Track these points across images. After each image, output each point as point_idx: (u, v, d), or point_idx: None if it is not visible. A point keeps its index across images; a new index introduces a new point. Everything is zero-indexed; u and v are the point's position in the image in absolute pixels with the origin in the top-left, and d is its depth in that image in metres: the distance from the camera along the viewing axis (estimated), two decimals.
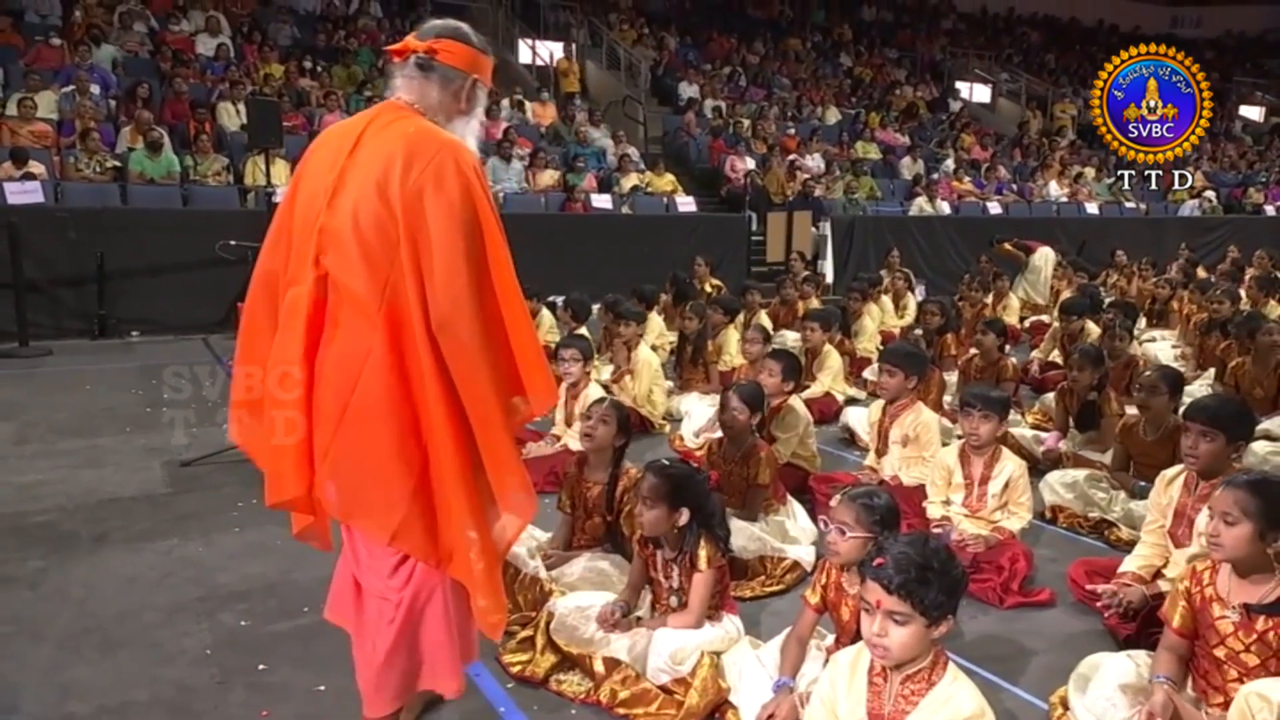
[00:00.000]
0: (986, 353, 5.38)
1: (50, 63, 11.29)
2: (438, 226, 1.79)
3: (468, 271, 1.79)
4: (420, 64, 1.95)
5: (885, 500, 2.32)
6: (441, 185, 1.80)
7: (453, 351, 1.80)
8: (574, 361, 4.36)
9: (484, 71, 2.02)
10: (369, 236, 1.81)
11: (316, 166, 1.95)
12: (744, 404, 3.41)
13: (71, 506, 3.86)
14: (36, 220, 8.00)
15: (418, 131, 1.88)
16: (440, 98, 1.96)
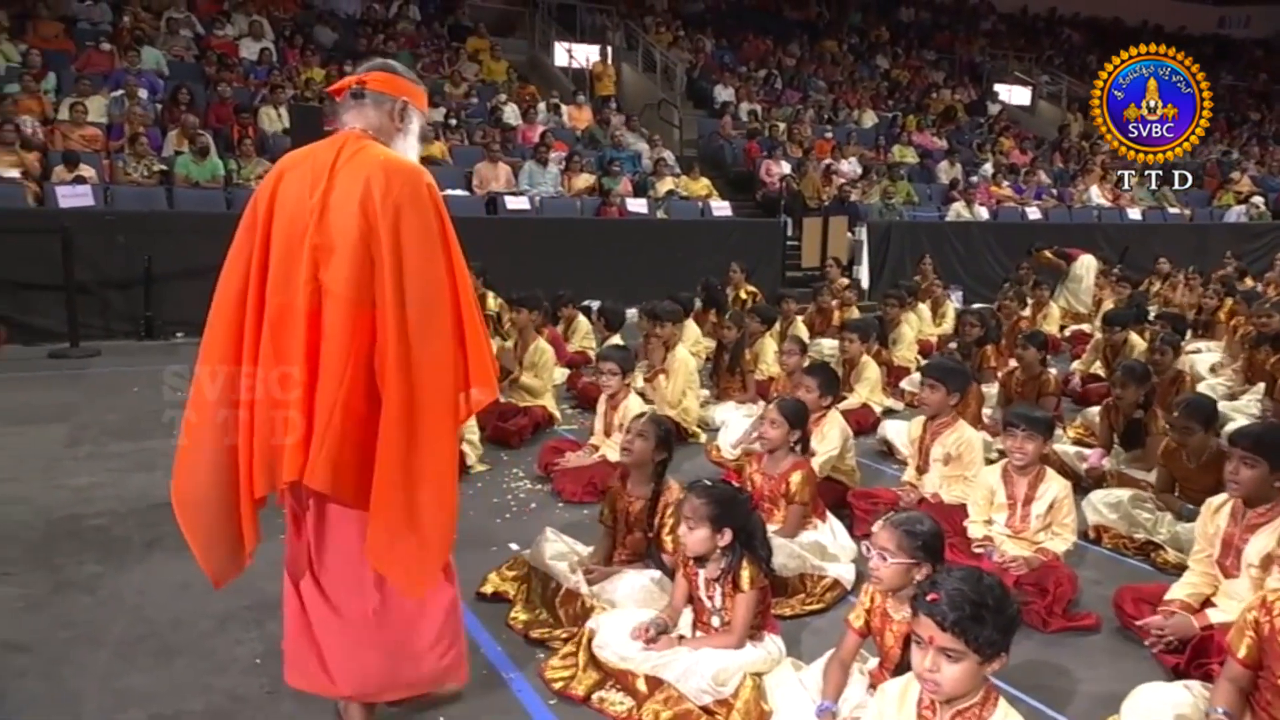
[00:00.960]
0: (1028, 366, 5.32)
1: (100, 67, 11.55)
2: (415, 237, 2.09)
3: (440, 270, 2.12)
4: (355, 94, 2.27)
5: (928, 527, 2.31)
6: (416, 202, 2.11)
7: (425, 343, 2.08)
8: (612, 374, 4.39)
9: (413, 95, 2.33)
10: (355, 249, 2.08)
11: (294, 192, 2.18)
12: (784, 419, 3.41)
13: (124, 510, 3.96)
14: (87, 224, 8.20)
15: (389, 158, 2.18)
16: (378, 119, 2.27)
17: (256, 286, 2.17)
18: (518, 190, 11.21)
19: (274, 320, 2.13)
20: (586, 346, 7.57)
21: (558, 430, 5.50)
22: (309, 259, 2.10)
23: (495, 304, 7.73)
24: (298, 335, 2.10)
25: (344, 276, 2.09)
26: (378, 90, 2.28)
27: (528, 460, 4.82)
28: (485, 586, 3.19)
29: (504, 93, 14.03)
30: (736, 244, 11.29)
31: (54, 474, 4.45)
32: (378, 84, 2.28)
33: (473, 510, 4.08)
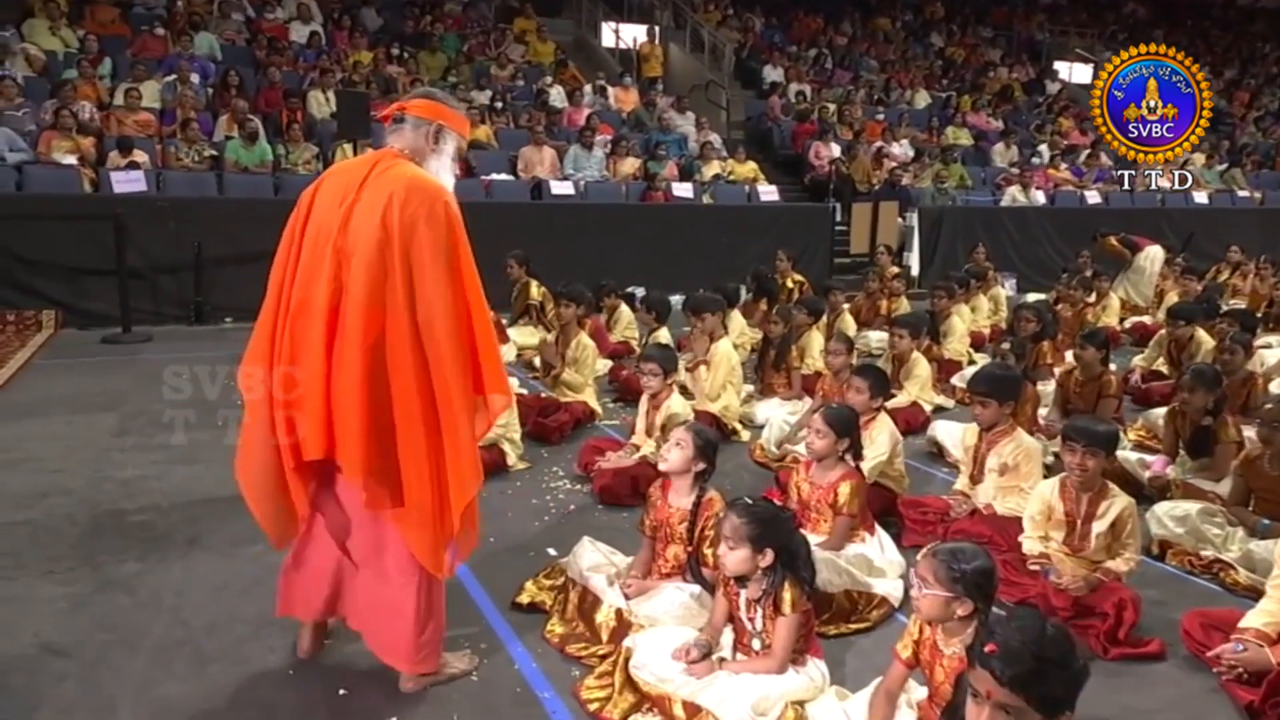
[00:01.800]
0: (1087, 366, 5.09)
1: (154, 52, 11.70)
2: (426, 250, 2.29)
3: (447, 285, 2.30)
4: (397, 119, 2.54)
5: (976, 564, 2.16)
6: (432, 218, 2.31)
7: (431, 345, 2.30)
8: (653, 375, 4.28)
9: (449, 119, 2.55)
10: (373, 255, 2.29)
11: (327, 200, 2.42)
12: (831, 429, 3.28)
13: (166, 505, 3.99)
14: (139, 210, 8.31)
15: (414, 176, 2.39)
16: (414, 140, 2.51)
17: (289, 284, 2.41)
18: (562, 175, 11.12)
19: (295, 313, 2.38)
20: (630, 337, 7.48)
21: (598, 426, 5.42)
22: (332, 260, 2.33)
23: (539, 293, 7.68)
24: (317, 328, 2.33)
25: (361, 279, 2.29)
26: (416, 115, 2.52)
27: (567, 458, 4.76)
28: (521, 596, 3.13)
29: (550, 75, 13.92)
30: (783, 229, 11.08)
31: (101, 465, 4.50)
32: (416, 109, 2.52)
33: (511, 511, 4.03)
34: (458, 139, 2.57)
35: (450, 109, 2.57)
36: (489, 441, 4.45)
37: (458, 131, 2.57)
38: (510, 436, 4.57)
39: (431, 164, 2.51)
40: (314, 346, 2.33)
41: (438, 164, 2.52)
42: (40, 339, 7.60)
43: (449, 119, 2.55)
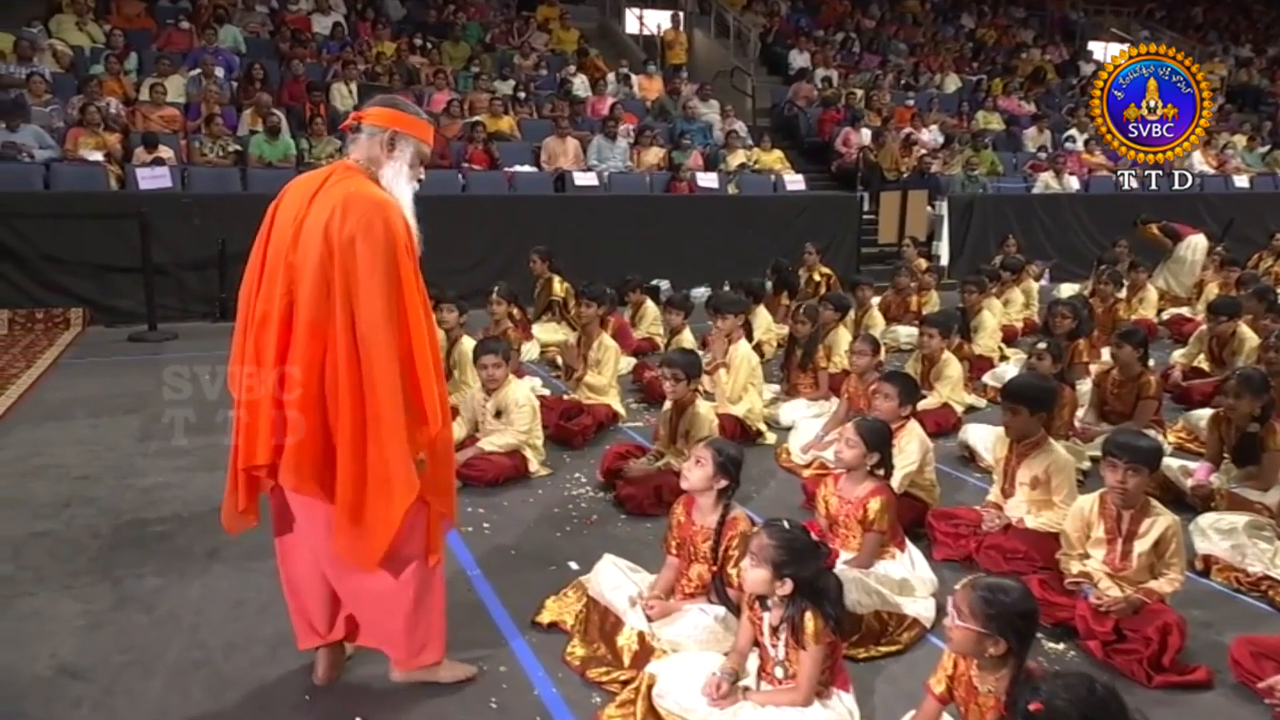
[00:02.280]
0: (1125, 366, 4.93)
1: (179, 46, 11.73)
2: (364, 265, 2.30)
3: (383, 300, 2.32)
4: (354, 128, 2.56)
5: (1014, 602, 2.05)
6: (369, 234, 2.32)
7: (370, 359, 2.33)
8: (675, 380, 4.19)
9: (404, 125, 2.52)
10: (316, 271, 2.32)
11: (285, 214, 2.46)
12: (862, 441, 3.17)
13: (187, 515, 3.97)
14: (164, 207, 8.33)
15: (356, 191, 2.38)
16: (369, 149, 2.51)
17: (254, 295, 2.48)
18: (586, 166, 11.02)
19: (257, 324, 2.44)
20: (654, 333, 7.38)
21: (621, 429, 5.34)
22: (284, 275, 2.38)
23: (562, 289, 7.60)
24: (271, 340, 2.40)
25: (306, 293, 2.35)
26: (370, 123, 2.52)
27: (590, 464, 4.69)
28: (542, 615, 3.07)
29: (573, 63, 13.78)
30: (810, 220, 10.92)
31: (124, 472, 4.49)
32: (371, 118, 2.53)
33: (533, 520, 3.97)
34: (415, 145, 2.54)
35: (406, 114, 2.56)
36: (510, 448, 4.40)
37: (416, 137, 2.54)
38: (533, 443, 4.51)
39: (387, 172, 2.50)
40: (268, 357, 2.40)
41: (393, 172, 2.51)
42: (68, 337, 7.66)
43: (404, 125, 2.53)
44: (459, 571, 3.42)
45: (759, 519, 3.71)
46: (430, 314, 2.53)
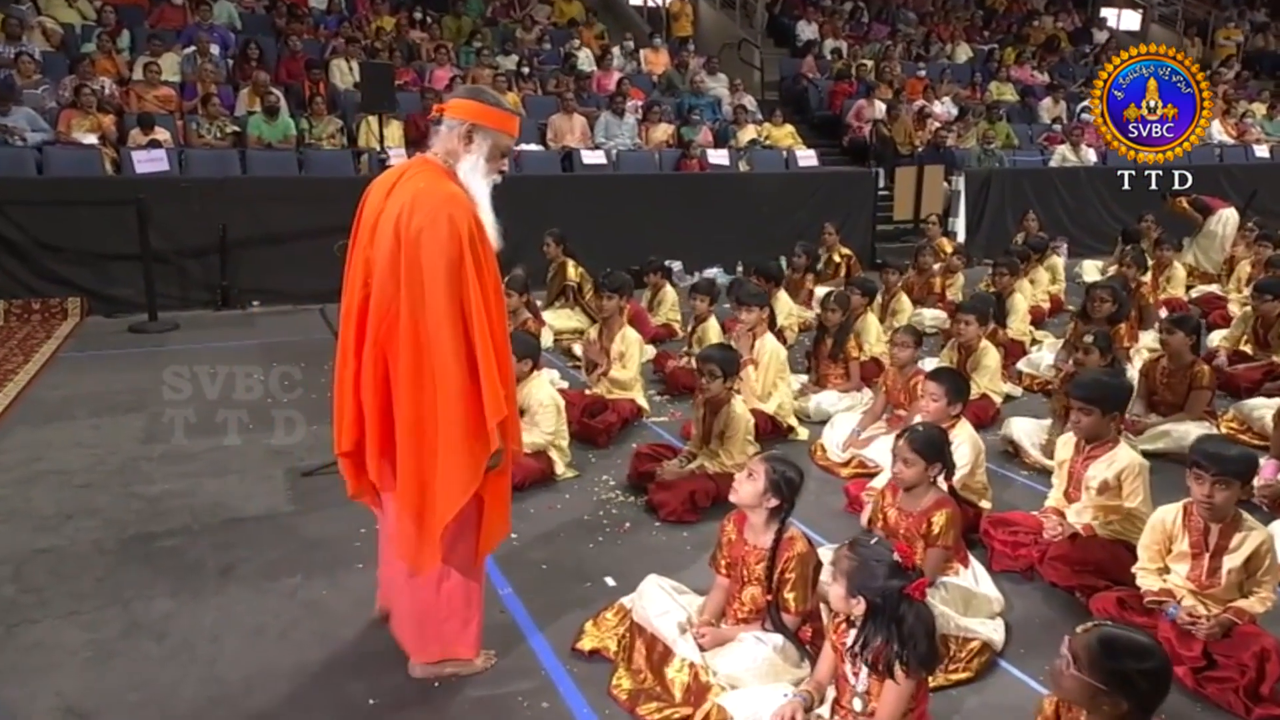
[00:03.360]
0: (1176, 354, 4.70)
1: (173, 22, 11.39)
2: (429, 261, 2.32)
3: (446, 295, 2.32)
4: (435, 121, 2.56)
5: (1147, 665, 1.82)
6: (435, 230, 2.32)
7: (434, 354, 2.34)
8: (713, 378, 3.96)
9: (482, 117, 2.49)
10: (388, 264, 2.39)
11: (367, 210, 2.53)
12: (920, 456, 2.95)
13: (198, 527, 3.75)
14: (161, 192, 8.06)
15: (426, 186, 2.41)
16: (447, 143, 2.51)
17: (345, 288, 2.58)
18: (594, 144, 10.72)
19: (344, 316, 2.56)
20: (673, 319, 7.15)
21: (646, 424, 5.12)
22: (363, 270, 2.47)
23: (576, 273, 7.36)
24: (352, 333, 2.51)
25: (379, 288, 2.42)
26: (450, 116, 2.51)
27: (618, 464, 4.47)
28: (582, 641, 2.86)
29: (577, 37, 13.42)
30: (824, 197, 10.63)
31: (128, 478, 4.27)
32: (452, 110, 2.51)
33: (563, 531, 3.76)
34: (495, 137, 2.50)
35: (485, 105, 2.51)
36: (537, 448, 4.18)
37: (496, 129, 2.51)
38: (558, 444, 4.29)
39: (463, 166, 2.48)
40: (349, 348, 2.52)
41: (469, 165, 2.48)
42: (66, 328, 7.42)
43: (483, 117, 2.49)
44: (490, 591, 3.20)
45: (819, 538, 3.53)
46: (502, 309, 2.53)
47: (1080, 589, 3.10)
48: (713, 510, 3.88)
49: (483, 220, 2.45)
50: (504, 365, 2.46)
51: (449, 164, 2.48)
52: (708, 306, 5.74)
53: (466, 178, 2.46)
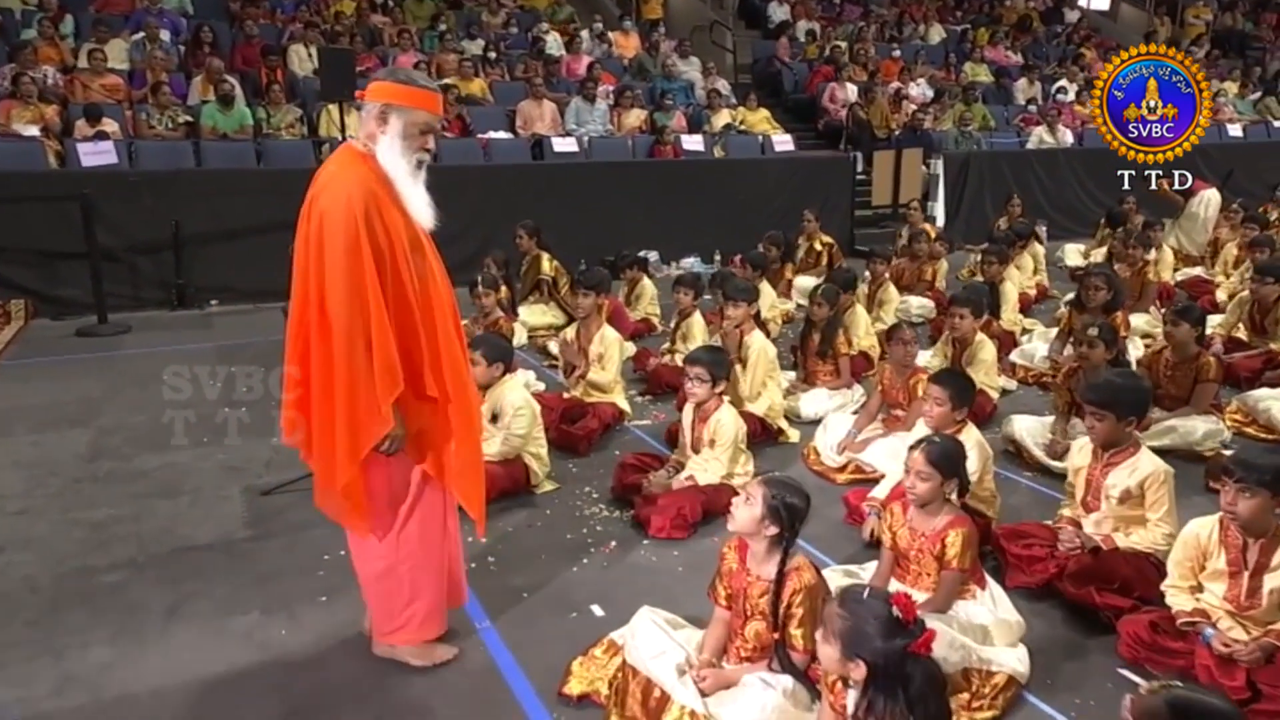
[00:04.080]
0: (1180, 346, 4.51)
1: (119, 7, 10.90)
2: (329, 243, 2.37)
3: (344, 276, 2.36)
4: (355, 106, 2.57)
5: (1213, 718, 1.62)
6: (333, 214, 2.38)
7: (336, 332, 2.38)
8: (700, 381, 3.70)
9: (394, 97, 2.50)
10: (301, 248, 2.46)
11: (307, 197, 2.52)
12: (935, 469, 2.71)
13: (144, 559, 3.43)
14: (110, 186, 7.65)
15: (335, 170, 2.48)
16: (366, 126, 2.54)
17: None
18: (564, 130, 10.38)
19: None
20: (651, 313, 6.87)
21: (628, 428, 4.86)
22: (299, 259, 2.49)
23: (551, 267, 7.05)
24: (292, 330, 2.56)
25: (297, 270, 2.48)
26: (365, 99, 2.54)
27: (600, 474, 4.20)
28: (570, 685, 2.59)
29: (545, 20, 13.04)
30: (802, 182, 10.40)
31: (69, 502, 3.93)
32: (367, 94, 2.53)
33: (544, 552, 3.48)
34: (409, 114, 2.49)
35: (397, 84, 2.52)
36: (505, 456, 3.88)
37: (410, 106, 2.50)
38: (535, 451, 4.00)
39: (380, 148, 2.49)
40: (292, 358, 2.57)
41: (385, 146, 2.49)
42: (8, 333, 6.99)
43: (394, 96, 2.49)
44: (465, 623, 2.94)
45: (819, 555, 3.29)
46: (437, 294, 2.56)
47: (1105, 608, 2.88)
48: (705, 525, 3.64)
49: (401, 200, 2.48)
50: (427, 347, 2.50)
51: (368, 147, 2.50)
52: (692, 301, 5.47)
53: (384, 158, 2.48)
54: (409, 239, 2.49)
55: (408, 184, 2.49)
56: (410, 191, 2.50)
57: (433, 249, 2.63)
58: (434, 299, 2.54)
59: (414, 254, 2.50)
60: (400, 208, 2.49)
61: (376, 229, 2.40)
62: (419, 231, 2.56)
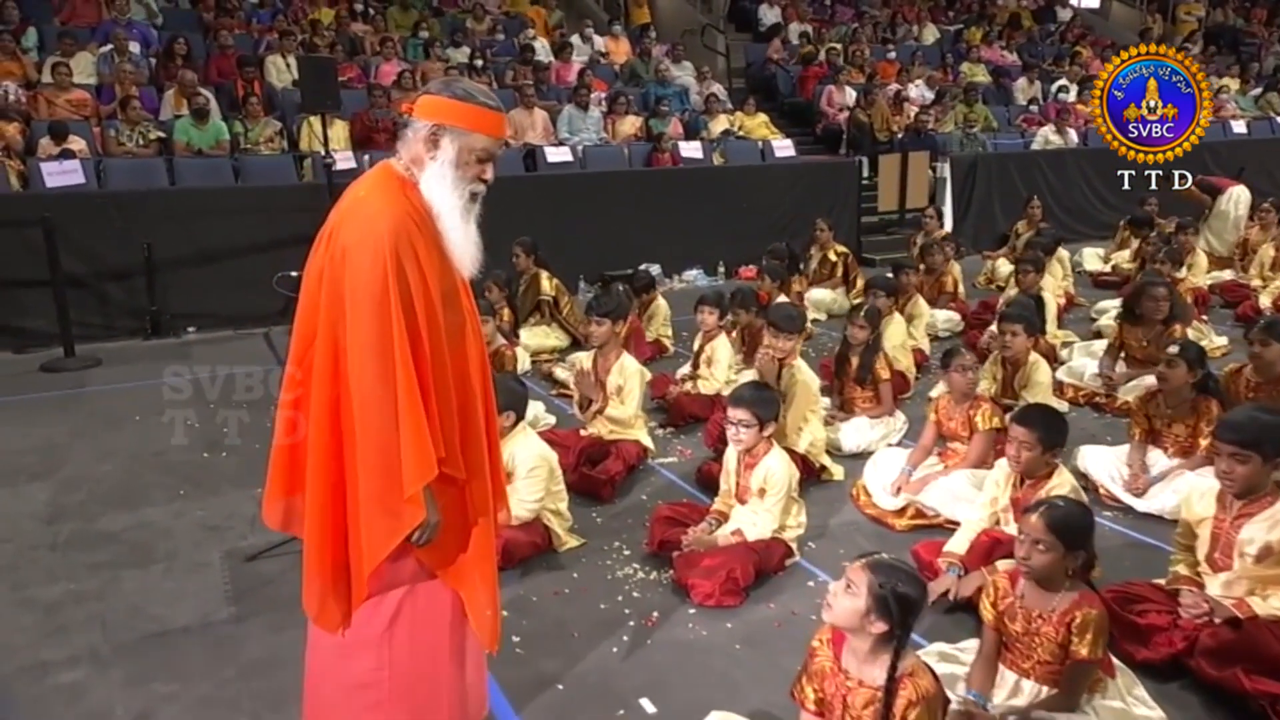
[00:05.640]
0: (1266, 366, 4.08)
1: (86, 19, 10.40)
2: (351, 287, 1.95)
3: (371, 330, 1.94)
4: (403, 123, 2.13)
5: None
6: (360, 253, 1.95)
7: (356, 392, 1.96)
8: (745, 427, 3.24)
9: (449, 116, 2.05)
10: (314, 281, 2.03)
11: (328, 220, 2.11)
12: (1058, 539, 2.25)
13: (108, 650, 2.92)
14: (78, 208, 7.16)
15: (363, 198, 2.04)
16: (412, 148, 2.09)
17: None
18: (557, 140, 9.94)
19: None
20: (664, 335, 6.41)
21: (653, 466, 4.39)
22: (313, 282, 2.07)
23: (551, 286, 6.59)
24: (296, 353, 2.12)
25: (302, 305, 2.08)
26: (416, 117, 2.08)
27: (629, 524, 3.73)
28: None
29: (530, 26, 12.60)
30: (806, 189, 10.00)
31: (23, 577, 3.42)
32: (419, 109, 2.07)
33: (575, 629, 3.00)
34: (466, 138, 2.03)
35: (454, 100, 2.05)
36: (524, 521, 3.40)
37: (467, 128, 2.03)
38: (554, 507, 3.53)
39: (428, 176, 2.06)
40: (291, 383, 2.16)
41: (433, 174, 2.05)
42: None
43: (451, 115, 2.03)
44: None
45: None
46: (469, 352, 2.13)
47: (1259, 696, 2.43)
48: (756, 587, 3.18)
49: (446, 243, 2.05)
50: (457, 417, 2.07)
51: (411, 173, 2.07)
52: (717, 321, 5.01)
53: (430, 189, 2.05)
54: (445, 289, 2.04)
55: (455, 223, 2.04)
56: (458, 233, 2.05)
57: (469, 298, 2.18)
58: (469, 362, 2.12)
59: (447, 308, 2.05)
60: (440, 250, 2.05)
61: (410, 277, 1.96)
62: (457, 280, 2.11)
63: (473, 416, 2.13)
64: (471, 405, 2.12)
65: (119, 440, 4.90)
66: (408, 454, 1.94)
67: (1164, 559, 3.31)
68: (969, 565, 3.07)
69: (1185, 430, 3.89)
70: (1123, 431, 4.69)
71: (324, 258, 2.02)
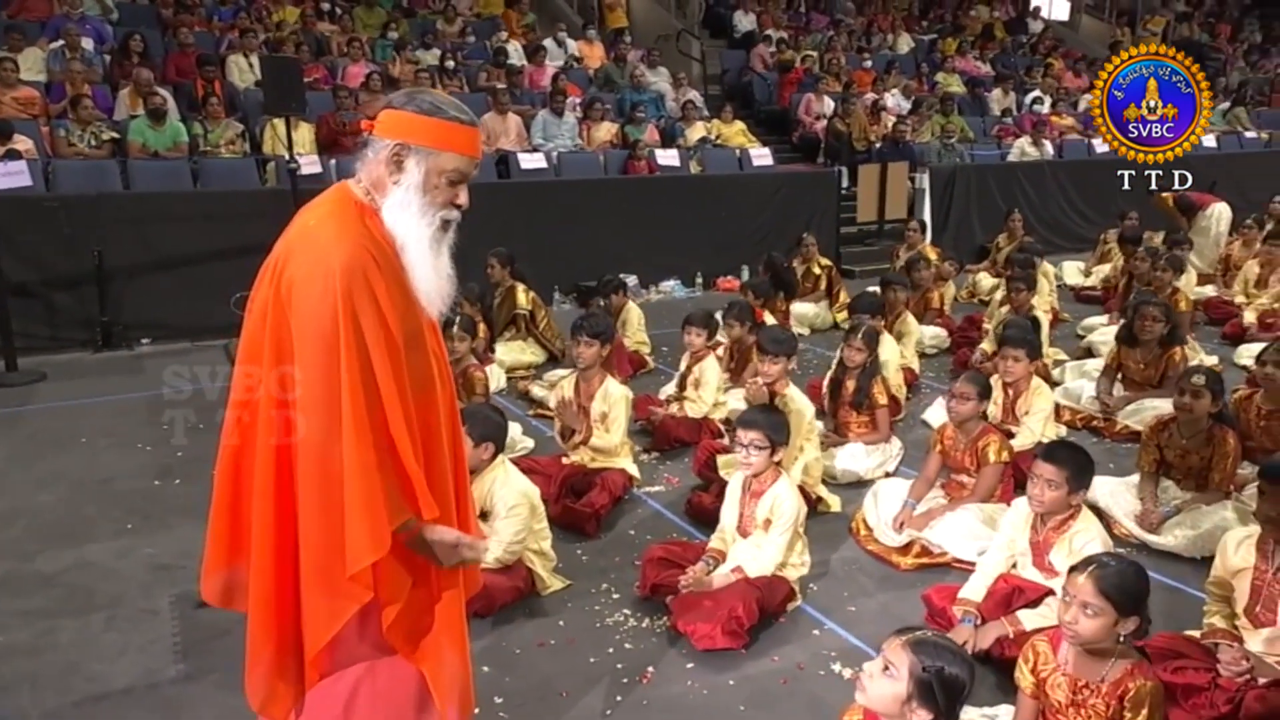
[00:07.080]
0: (1277, 393, 3.94)
1: (36, 13, 9.96)
2: (298, 327, 1.72)
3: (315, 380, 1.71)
4: (364, 141, 1.87)
5: None
6: (308, 288, 1.71)
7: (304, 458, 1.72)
8: (757, 449, 3.01)
9: (417, 133, 1.79)
10: (258, 315, 1.79)
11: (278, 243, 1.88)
12: (1109, 602, 2.04)
13: (35, 718, 2.61)
14: (24, 212, 6.77)
15: (309, 229, 1.79)
16: (373, 171, 1.85)
17: None
18: (531, 146, 9.66)
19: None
20: (640, 345, 6.16)
21: (638, 495, 4.14)
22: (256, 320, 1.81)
23: (527, 299, 6.32)
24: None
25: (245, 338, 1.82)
26: (378, 135, 1.82)
27: (617, 563, 3.48)
28: None
29: (504, 29, 12.32)
30: (785, 199, 9.82)
31: None
32: (381, 127, 1.82)
33: (564, 686, 2.73)
34: (434, 157, 1.78)
35: (419, 115, 1.79)
36: (503, 564, 3.13)
37: (435, 147, 1.78)
38: (538, 548, 3.26)
39: (391, 201, 1.80)
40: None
41: (397, 200, 1.79)
42: None
43: (415, 132, 1.78)
44: None
45: None
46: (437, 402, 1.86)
47: None
48: (760, 630, 2.95)
49: (411, 278, 1.79)
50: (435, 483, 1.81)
51: (372, 199, 1.81)
52: (705, 343, 4.77)
53: (393, 218, 1.79)
54: (408, 332, 1.77)
55: (422, 255, 1.78)
56: (425, 267, 1.78)
57: (436, 339, 1.92)
58: (437, 415, 1.85)
59: (411, 353, 1.78)
60: (404, 288, 1.78)
61: (366, 319, 1.69)
62: (423, 321, 1.85)
63: (440, 477, 1.85)
64: (439, 464, 1.86)
65: (62, 465, 4.55)
66: (355, 524, 1.67)
67: (1186, 602, 3.15)
68: (986, 614, 2.86)
69: (1199, 461, 3.72)
70: (1123, 458, 4.56)
71: (269, 292, 1.76)
